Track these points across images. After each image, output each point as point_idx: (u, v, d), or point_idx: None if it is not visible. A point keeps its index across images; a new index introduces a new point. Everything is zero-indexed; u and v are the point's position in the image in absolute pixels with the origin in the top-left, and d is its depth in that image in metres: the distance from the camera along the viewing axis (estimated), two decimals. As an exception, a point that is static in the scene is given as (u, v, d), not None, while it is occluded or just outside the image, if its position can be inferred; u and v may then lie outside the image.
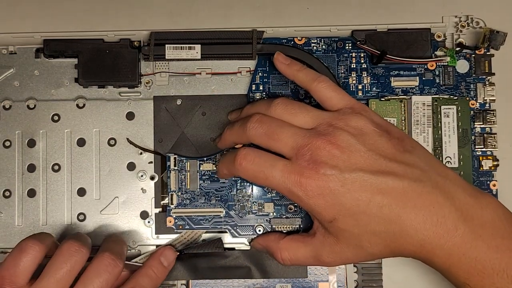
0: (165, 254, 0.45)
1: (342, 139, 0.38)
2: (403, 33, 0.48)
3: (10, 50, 0.49)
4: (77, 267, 0.40)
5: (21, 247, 0.40)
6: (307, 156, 0.38)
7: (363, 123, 0.39)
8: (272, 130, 0.40)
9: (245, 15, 0.49)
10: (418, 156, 0.39)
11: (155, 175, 0.48)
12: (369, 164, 0.38)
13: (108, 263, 0.41)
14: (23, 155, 0.48)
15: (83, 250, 0.40)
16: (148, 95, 0.49)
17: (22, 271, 0.39)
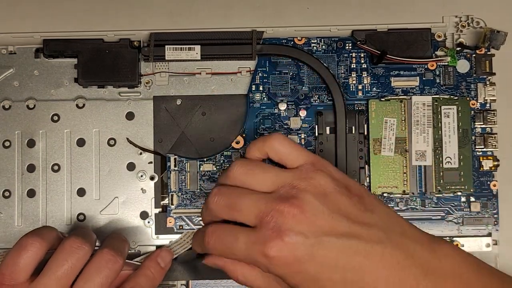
0: (161, 256, 0.45)
1: (306, 202, 0.37)
2: (403, 33, 0.48)
3: (10, 50, 0.49)
4: (79, 264, 0.40)
5: (21, 243, 0.39)
6: (271, 224, 0.36)
7: (325, 182, 0.38)
8: (232, 200, 0.39)
9: (245, 15, 0.49)
10: (378, 215, 0.38)
11: (155, 175, 0.48)
12: (333, 227, 0.37)
13: (108, 259, 0.40)
14: (23, 155, 0.48)
15: (85, 247, 0.40)
16: (148, 95, 0.49)
17: (22, 268, 0.39)
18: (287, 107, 0.48)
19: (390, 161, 0.48)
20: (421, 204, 0.48)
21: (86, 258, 0.40)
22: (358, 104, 0.48)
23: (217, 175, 0.48)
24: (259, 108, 0.48)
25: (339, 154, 0.47)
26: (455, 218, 0.48)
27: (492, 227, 0.48)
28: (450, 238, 0.48)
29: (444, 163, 0.47)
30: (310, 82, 0.49)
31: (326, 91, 0.48)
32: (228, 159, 0.48)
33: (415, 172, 0.48)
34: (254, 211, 0.37)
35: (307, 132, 0.48)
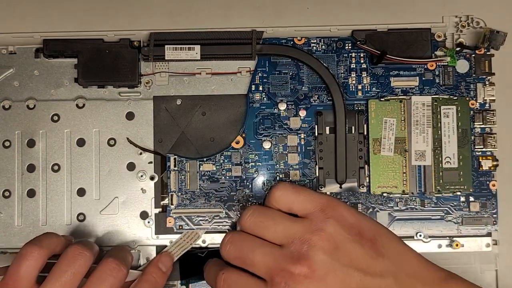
0: (162, 260, 0.45)
1: (317, 261, 0.37)
2: (403, 33, 0.48)
3: (10, 50, 0.49)
4: (81, 270, 0.40)
5: (21, 253, 0.40)
6: (282, 283, 0.37)
7: (335, 232, 0.38)
8: (244, 253, 0.40)
9: (245, 15, 0.49)
10: (389, 259, 0.39)
11: (155, 175, 0.48)
12: (345, 283, 0.37)
13: (113, 268, 0.41)
14: (23, 155, 0.48)
15: (86, 254, 0.40)
16: (148, 95, 0.49)
17: (23, 277, 0.39)
18: (286, 107, 0.48)
19: (389, 161, 0.48)
20: (420, 204, 0.48)
21: (88, 265, 0.40)
22: (357, 104, 0.48)
23: (217, 175, 0.48)
24: (259, 108, 0.49)
25: (339, 154, 0.47)
26: (454, 218, 0.48)
27: (492, 227, 0.48)
28: (449, 238, 0.48)
29: (443, 163, 0.47)
30: (309, 82, 0.49)
31: (325, 91, 0.48)
32: (228, 159, 0.48)
33: (415, 172, 0.48)
34: (264, 267, 0.38)
35: (307, 132, 0.48)
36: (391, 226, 0.48)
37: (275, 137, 0.48)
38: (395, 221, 0.48)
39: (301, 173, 0.48)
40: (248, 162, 0.48)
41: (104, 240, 0.48)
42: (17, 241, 0.48)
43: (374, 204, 0.48)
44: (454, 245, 0.47)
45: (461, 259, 0.49)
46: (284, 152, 0.48)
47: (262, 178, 0.48)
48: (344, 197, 0.48)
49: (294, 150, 0.48)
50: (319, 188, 0.48)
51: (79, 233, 0.48)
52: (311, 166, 0.48)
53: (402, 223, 0.48)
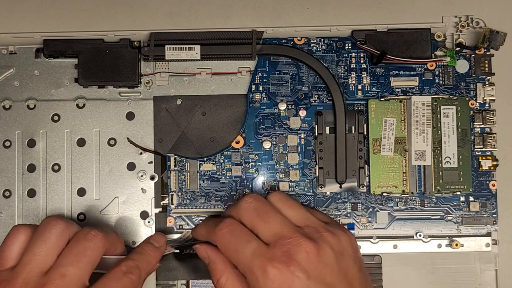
0: (154, 237, 0.45)
1: (324, 250, 0.39)
2: (403, 33, 0.48)
3: (10, 50, 0.49)
4: (54, 239, 0.39)
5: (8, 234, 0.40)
6: (285, 248, 0.38)
7: (346, 244, 0.40)
8: (264, 210, 0.40)
9: (245, 15, 0.49)
10: None
11: (155, 175, 0.49)
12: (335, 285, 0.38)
13: (86, 232, 0.40)
14: (23, 155, 0.48)
15: (61, 223, 0.40)
16: (148, 95, 0.49)
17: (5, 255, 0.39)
18: (286, 107, 0.48)
19: (389, 161, 0.48)
20: (420, 203, 0.48)
21: (64, 236, 0.39)
22: (357, 104, 0.49)
23: (217, 175, 0.48)
24: (259, 108, 0.49)
25: (339, 154, 0.47)
26: (454, 218, 0.48)
27: (491, 227, 0.48)
28: (449, 238, 0.48)
29: (443, 163, 0.48)
30: (309, 82, 0.49)
31: (325, 91, 0.49)
32: (228, 158, 0.48)
33: (415, 172, 0.48)
34: (277, 229, 0.39)
35: (307, 132, 0.48)
36: (391, 226, 0.48)
37: (275, 137, 0.48)
38: (395, 221, 0.48)
39: (301, 173, 0.48)
40: (248, 162, 0.48)
41: (105, 240, 0.48)
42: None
43: (374, 204, 0.48)
44: (454, 245, 0.47)
45: (460, 259, 0.49)
46: (284, 152, 0.48)
47: (262, 178, 0.48)
48: (344, 197, 0.48)
49: (294, 150, 0.48)
50: (319, 187, 0.48)
51: (79, 233, 0.48)
52: (311, 166, 0.48)
53: (402, 223, 0.48)
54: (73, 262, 0.38)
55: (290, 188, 0.48)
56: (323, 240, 0.39)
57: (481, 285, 0.49)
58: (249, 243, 0.39)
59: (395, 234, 0.48)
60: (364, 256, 0.47)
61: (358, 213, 0.48)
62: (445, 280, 0.49)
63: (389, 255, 0.48)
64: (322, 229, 0.40)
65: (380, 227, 0.48)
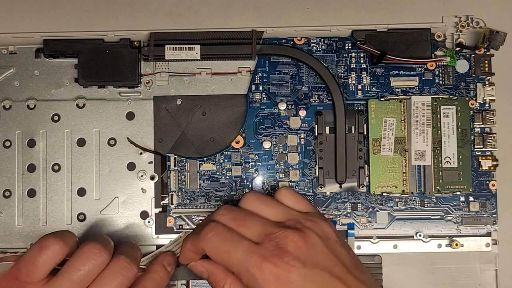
0: (167, 260, 0.45)
1: (310, 236, 0.39)
2: (403, 33, 0.48)
3: (10, 50, 0.49)
4: (95, 270, 0.39)
5: (42, 243, 0.39)
6: (273, 242, 0.38)
7: (329, 230, 0.41)
8: (240, 216, 0.41)
9: (245, 15, 0.49)
10: (367, 277, 0.41)
11: (155, 175, 0.49)
12: (329, 266, 0.39)
13: (124, 266, 0.40)
14: (23, 155, 0.48)
15: (104, 255, 0.40)
16: (148, 95, 0.49)
17: (40, 267, 0.38)
18: (286, 107, 0.49)
19: (389, 160, 0.48)
20: (420, 203, 0.48)
21: (102, 266, 0.40)
22: (357, 104, 0.49)
23: (217, 175, 0.48)
24: (259, 108, 0.49)
25: (339, 154, 0.47)
26: (454, 218, 0.48)
27: (491, 227, 0.48)
28: (449, 238, 0.48)
29: (443, 163, 0.48)
30: (309, 82, 0.49)
31: (325, 91, 0.49)
32: (228, 158, 0.48)
33: (415, 172, 0.48)
34: (260, 230, 0.40)
35: (307, 132, 0.48)
36: (391, 226, 0.48)
37: (275, 137, 0.48)
38: (395, 220, 0.48)
39: (301, 173, 0.48)
40: (248, 162, 0.48)
41: (105, 239, 0.48)
42: (17, 241, 0.48)
43: (374, 204, 0.48)
44: (453, 245, 0.47)
45: (460, 259, 0.49)
46: (284, 152, 0.48)
47: (262, 178, 0.48)
48: (344, 197, 0.48)
49: (294, 150, 0.48)
50: (319, 187, 0.48)
51: (79, 233, 0.48)
52: (311, 166, 0.48)
53: (402, 223, 0.48)
54: None
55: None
56: (306, 228, 0.40)
57: (481, 285, 0.49)
58: (239, 243, 0.39)
59: (395, 234, 0.48)
60: (364, 256, 0.48)
61: (358, 213, 0.48)
62: (445, 280, 0.49)
63: (389, 255, 0.48)
64: (303, 220, 0.41)
65: (380, 227, 0.48)
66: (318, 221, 0.41)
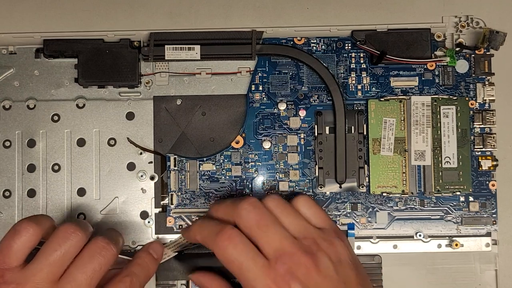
0: (153, 247, 0.45)
1: (322, 262, 0.39)
2: (403, 33, 0.48)
3: (10, 50, 0.49)
4: (72, 251, 0.39)
5: (15, 228, 0.39)
6: (286, 265, 0.38)
7: (343, 252, 0.41)
8: (264, 220, 0.40)
9: (245, 15, 0.49)
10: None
11: (155, 175, 0.49)
12: None
13: (102, 246, 0.40)
14: (23, 155, 0.48)
15: (79, 234, 0.39)
16: (148, 95, 0.49)
17: (15, 252, 0.38)
18: (286, 107, 0.49)
19: (389, 161, 0.48)
20: (420, 204, 0.48)
21: (79, 245, 0.39)
22: (357, 104, 0.49)
23: (217, 175, 0.48)
24: (259, 108, 0.49)
25: (339, 154, 0.47)
26: (454, 218, 0.48)
27: (491, 227, 0.48)
28: (449, 238, 0.48)
29: (443, 163, 0.48)
30: (309, 82, 0.49)
31: (325, 91, 0.49)
32: (228, 158, 0.48)
33: (414, 172, 0.48)
34: (277, 245, 0.39)
35: (307, 132, 0.48)
36: (390, 226, 0.48)
37: (275, 137, 0.48)
38: (395, 221, 0.48)
39: (301, 173, 0.48)
40: (248, 162, 0.48)
41: (104, 239, 0.48)
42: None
43: (373, 204, 0.48)
44: (453, 245, 0.47)
45: (460, 259, 0.49)
46: (284, 152, 0.48)
47: (262, 178, 0.48)
48: (344, 197, 0.48)
49: (294, 150, 0.48)
50: (319, 187, 0.48)
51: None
52: (311, 166, 0.48)
53: (402, 223, 0.48)
54: (86, 279, 0.39)
55: (290, 188, 0.48)
56: (320, 252, 0.39)
57: (481, 285, 0.49)
58: (254, 262, 0.39)
59: (395, 234, 0.48)
60: (364, 256, 0.48)
61: (358, 213, 0.48)
62: (445, 280, 0.49)
63: (389, 255, 0.48)
64: (319, 240, 0.40)
65: (380, 227, 0.48)
66: (334, 242, 0.41)
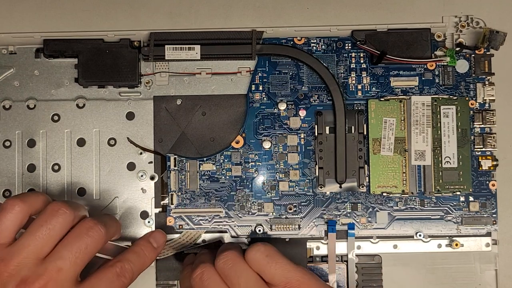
0: (154, 236, 0.45)
1: None
2: (403, 33, 0.48)
3: (10, 50, 0.49)
4: (59, 227, 0.39)
5: (2, 206, 0.39)
6: None
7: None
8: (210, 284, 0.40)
9: (245, 15, 0.49)
10: None
11: (155, 175, 0.49)
12: None
13: (89, 227, 0.40)
14: (23, 155, 0.49)
15: (67, 212, 0.39)
16: (148, 95, 0.49)
17: (2, 229, 0.38)
18: (286, 107, 0.49)
19: (389, 160, 0.48)
20: (420, 203, 0.48)
21: (66, 223, 0.39)
22: (357, 104, 0.49)
23: (217, 175, 0.48)
24: (259, 108, 0.49)
25: (339, 153, 0.47)
26: (454, 218, 0.48)
27: (491, 227, 0.48)
28: (449, 238, 0.48)
29: (443, 163, 0.48)
30: (309, 82, 0.49)
31: (325, 91, 0.49)
32: (228, 158, 0.48)
33: (414, 172, 0.48)
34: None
35: (307, 132, 0.48)
36: (391, 226, 0.48)
37: (275, 137, 0.48)
38: (395, 220, 0.48)
39: (301, 173, 0.48)
40: (248, 161, 0.48)
41: (104, 239, 0.48)
42: (17, 241, 0.48)
43: (373, 204, 0.48)
44: (453, 245, 0.47)
45: (460, 259, 0.49)
46: (284, 152, 0.48)
47: (262, 178, 0.48)
48: (344, 196, 0.48)
49: (294, 150, 0.48)
50: (319, 187, 0.48)
51: (79, 233, 0.48)
52: (311, 166, 0.48)
53: (402, 223, 0.48)
54: (71, 258, 0.38)
55: (290, 188, 0.48)
56: None
57: (481, 285, 0.49)
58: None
59: (395, 234, 0.48)
60: (364, 256, 0.48)
61: (358, 213, 0.48)
62: (445, 280, 0.49)
63: (389, 255, 0.48)
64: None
65: (380, 227, 0.48)
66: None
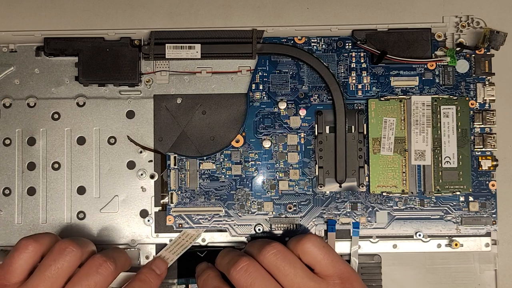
0: (156, 263, 0.45)
1: None
2: (404, 33, 0.48)
3: (11, 48, 0.49)
4: (67, 266, 0.40)
5: (16, 246, 0.40)
6: None
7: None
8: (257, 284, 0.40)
9: (245, 15, 0.49)
10: None
11: (155, 173, 0.49)
12: None
13: (99, 264, 0.40)
14: (23, 153, 0.48)
15: (74, 250, 0.40)
16: (149, 93, 0.49)
17: (14, 269, 0.39)
18: (287, 106, 0.49)
19: (389, 160, 0.48)
20: (420, 203, 0.48)
21: (74, 261, 0.40)
22: (357, 104, 0.49)
23: (217, 174, 0.48)
24: (259, 107, 0.49)
25: (339, 153, 0.47)
26: (454, 218, 0.48)
27: (491, 227, 0.48)
28: (449, 238, 0.48)
29: (443, 162, 0.48)
30: (310, 82, 0.49)
31: (326, 90, 0.49)
32: (228, 157, 0.48)
33: (414, 172, 0.48)
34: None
35: (307, 131, 0.48)
36: (390, 226, 0.48)
37: (275, 136, 0.48)
38: (395, 220, 0.48)
39: (301, 172, 0.48)
40: (248, 161, 0.48)
41: (104, 238, 0.48)
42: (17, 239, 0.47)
43: (373, 203, 0.48)
44: (453, 245, 0.47)
45: (460, 259, 0.49)
46: (284, 151, 0.48)
47: (262, 177, 0.48)
48: (344, 196, 0.48)
49: (294, 149, 0.48)
50: (319, 187, 0.48)
51: (79, 231, 0.48)
52: (311, 165, 0.48)
53: (402, 223, 0.48)
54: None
55: (290, 187, 0.48)
56: None
57: (480, 285, 0.49)
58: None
59: (394, 234, 0.48)
60: (363, 256, 0.48)
61: (357, 213, 0.48)
62: (445, 280, 0.49)
63: (389, 254, 0.48)
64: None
65: (380, 227, 0.48)
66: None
